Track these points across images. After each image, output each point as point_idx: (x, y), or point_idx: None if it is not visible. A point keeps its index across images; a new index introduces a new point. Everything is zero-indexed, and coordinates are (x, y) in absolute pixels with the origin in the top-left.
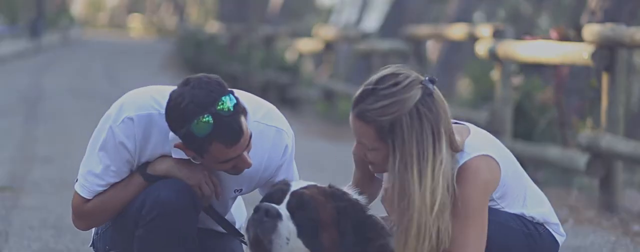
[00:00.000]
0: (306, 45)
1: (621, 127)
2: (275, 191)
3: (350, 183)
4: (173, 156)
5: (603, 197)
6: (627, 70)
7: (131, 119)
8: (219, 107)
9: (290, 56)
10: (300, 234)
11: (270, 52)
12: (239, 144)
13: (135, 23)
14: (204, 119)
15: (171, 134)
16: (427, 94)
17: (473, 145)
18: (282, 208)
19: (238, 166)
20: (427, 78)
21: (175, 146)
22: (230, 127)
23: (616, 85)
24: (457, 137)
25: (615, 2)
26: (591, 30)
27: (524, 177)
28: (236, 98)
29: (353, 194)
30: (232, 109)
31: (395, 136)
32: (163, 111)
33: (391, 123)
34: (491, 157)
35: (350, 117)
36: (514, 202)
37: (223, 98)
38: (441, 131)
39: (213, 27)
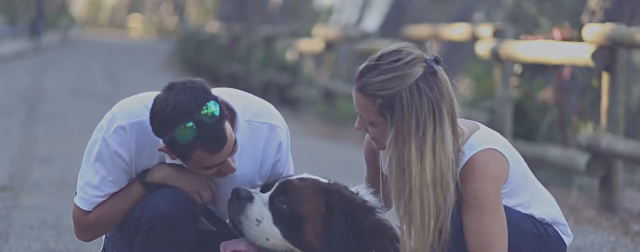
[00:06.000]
0: (306, 45)
1: (621, 127)
2: (271, 180)
3: (364, 182)
4: (167, 161)
5: (603, 197)
6: (627, 70)
7: (123, 128)
8: (203, 112)
9: (290, 56)
10: (276, 222)
11: (270, 52)
12: (222, 151)
13: (135, 23)
14: (188, 125)
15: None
16: (430, 73)
17: (481, 139)
18: (261, 194)
19: (222, 170)
20: (431, 57)
21: (160, 150)
22: (214, 135)
23: (616, 85)
24: (465, 129)
25: (615, 2)
26: (591, 30)
27: (531, 176)
28: (220, 103)
29: (364, 193)
30: (216, 115)
31: (394, 111)
32: None
33: (390, 98)
34: (499, 151)
35: (353, 91)
36: (521, 201)
37: (207, 104)
38: (443, 110)
39: (213, 27)
